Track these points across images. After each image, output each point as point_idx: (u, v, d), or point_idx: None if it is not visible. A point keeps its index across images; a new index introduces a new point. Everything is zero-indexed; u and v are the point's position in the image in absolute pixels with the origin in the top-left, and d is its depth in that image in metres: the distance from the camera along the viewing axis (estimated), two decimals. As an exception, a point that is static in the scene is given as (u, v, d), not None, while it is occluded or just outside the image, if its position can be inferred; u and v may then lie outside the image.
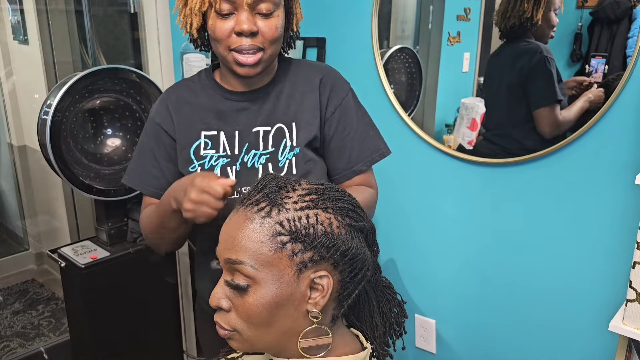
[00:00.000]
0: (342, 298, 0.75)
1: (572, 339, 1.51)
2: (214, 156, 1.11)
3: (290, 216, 0.71)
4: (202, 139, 1.11)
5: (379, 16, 1.66)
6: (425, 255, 1.75)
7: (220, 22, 1.01)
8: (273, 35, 1.02)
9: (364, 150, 1.14)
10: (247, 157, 1.10)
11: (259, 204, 0.72)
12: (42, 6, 2.39)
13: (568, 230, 1.45)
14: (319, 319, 0.73)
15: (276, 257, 0.70)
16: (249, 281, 0.71)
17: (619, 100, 1.31)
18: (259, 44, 1.02)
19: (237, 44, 1.01)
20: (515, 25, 1.43)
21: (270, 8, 1.00)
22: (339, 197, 0.75)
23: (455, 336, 1.75)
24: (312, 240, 0.70)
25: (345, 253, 0.72)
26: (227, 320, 0.74)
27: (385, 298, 0.86)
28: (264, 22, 1.01)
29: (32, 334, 2.50)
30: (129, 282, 1.75)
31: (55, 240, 2.81)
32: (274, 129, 1.10)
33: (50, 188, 2.72)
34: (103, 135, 1.71)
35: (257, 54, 1.02)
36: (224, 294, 0.74)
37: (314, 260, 0.71)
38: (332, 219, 0.73)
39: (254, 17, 1.00)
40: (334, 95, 1.13)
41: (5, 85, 2.84)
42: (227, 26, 1.01)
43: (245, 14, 1.00)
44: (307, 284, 0.71)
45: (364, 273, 0.76)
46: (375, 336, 0.84)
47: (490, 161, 1.54)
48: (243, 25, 0.99)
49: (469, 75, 1.57)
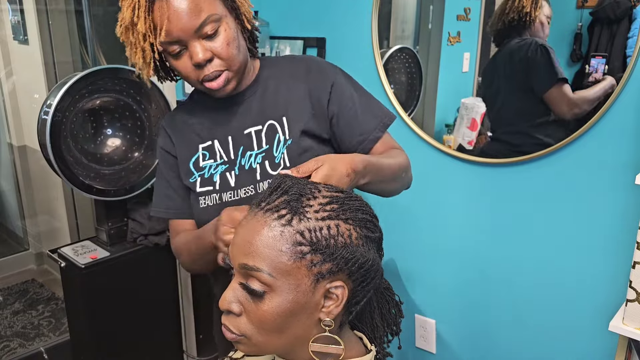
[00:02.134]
0: (350, 305, 0.75)
1: (572, 339, 1.51)
2: (212, 165, 1.12)
3: (311, 226, 0.70)
4: (200, 152, 1.13)
5: (379, 16, 1.66)
6: (425, 255, 1.75)
7: (177, 62, 1.02)
8: (229, 53, 1.01)
9: (374, 118, 1.13)
10: (243, 160, 1.11)
11: (279, 211, 0.70)
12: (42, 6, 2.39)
13: (568, 230, 1.45)
14: (332, 327, 0.72)
15: (295, 267, 0.69)
16: (265, 288, 0.70)
17: (619, 100, 1.31)
18: (220, 67, 1.01)
19: (202, 75, 1.01)
20: (514, 20, 1.43)
21: (214, 27, 0.98)
22: (359, 208, 0.75)
23: (455, 336, 1.75)
24: (332, 252, 0.70)
25: (362, 265, 0.72)
26: (237, 325, 0.73)
27: (385, 299, 0.86)
28: (214, 43, 0.99)
29: (32, 334, 2.49)
30: (129, 282, 1.75)
31: (55, 240, 2.80)
32: (265, 126, 1.11)
33: (50, 188, 2.72)
34: (103, 135, 1.71)
35: (222, 75, 1.02)
36: (235, 298, 0.73)
37: (332, 271, 0.70)
38: (352, 230, 0.72)
39: (204, 43, 0.99)
40: (324, 79, 1.12)
41: (5, 85, 2.84)
42: (185, 63, 1.01)
43: (194, 45, 0.98)
44: (322, 293, 0.71)
45: (375, 282, 0.76)
46: (375, 336, 0.84)
47: (490, 161, 1.54)
48: (197, 57, 0.98)
49: (469, 75, 1.57)
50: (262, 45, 1.90)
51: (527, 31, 1.43)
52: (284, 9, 1.90)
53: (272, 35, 1.95)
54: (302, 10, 1.86)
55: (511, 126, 1.55)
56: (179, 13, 0.96)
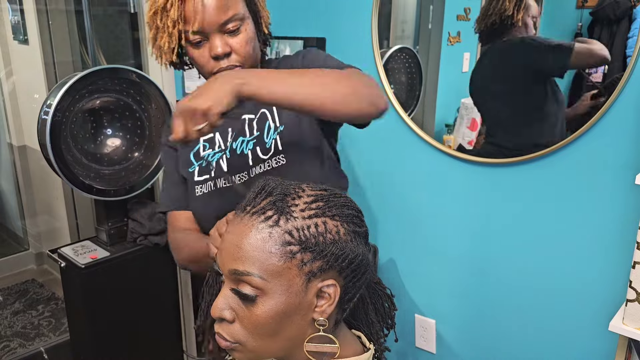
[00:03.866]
0: (343, 302, 0.75)
1: (572, 339, 1.51)
2: (210, 154, 1.15)
3: (298, 225, 0.69)
4: (201, 143, 1.17)
5: (379, 16, 1.66)
6: (425, 255, 1.75)
7: (196, 51, 1.07)
8: (246, 51, 1.06)
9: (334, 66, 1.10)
10: (235, 144, 1.13)
11: (265, 212, 0.70)
12: (42, 6, 2.39)
13: (568, 230, 1.45)
14: (326, 326, 0.72)
15: (285, 267, 0.69)
16: (257, 292, 0.69)
17: (619, 100, 1.31)
18: (235, 62, 1.06)
19: (217, 67, 1.06)
20: (495, 23, 1.43)
21: (237, 25, 1.05)
22: (344, 204, 0.75)
23: (455, 336, 1.75)
24: (322, 249, 0.69)
25: (352, 260, 0.72)
26: (231, 332, 0.72)
27: (377, 294, 0.86)
28: (234, 40, 1.05)
29: (32, 334, 2.49)
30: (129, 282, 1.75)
31: (55, 240, 2.80)
32: (257, 115, 1.14)
33: (50, 188, 2.72)
34: (103, 135, 1.71)
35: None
36: (227, 305, 0.72)
37: (323, 269, 0.70)
38: (339, 226, 0.72)
39: (225, 38, 1.05)
40: (313, 58, 1.14)
41: (5, 85, 2.84)
42: (203, 53, 1.06)
43: (216, 38, 1.04)
44: (315, 292, 0.71)
45: (366, 277, 0.76)
46: (372, 333, 0.84)
47: (490, 161, 1.54)
48: (216, 50, 1.04)
49: (469, 75, 1.57)
50: (262, 45, 1.90)
51: (510, 33, 1.43)
52: (284, 9, 1.90)
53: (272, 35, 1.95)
54: (302, 10, 1.86)
55: (506, 127, 1.55)
56: (208, 6, 1.02)
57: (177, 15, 1.02)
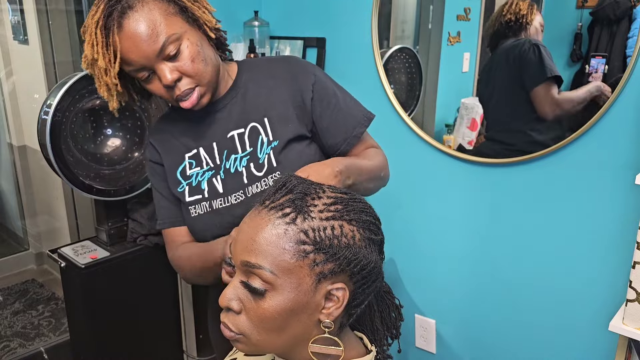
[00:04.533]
0: (351, 307, 0.75)
1: (572, 339, 1.51)
2: (199, 172, 1.12)
3: (315, 225, 0.70)
4: (187, 161, 1.14)
5: (379, 16, 1.66)
6: (425, 255, 1.75)
7: (150, 86, 1.03)
8: (195, 68, 1.00)
9: (357, 114, 1.15)
10: (228, 164, 1.11)
11: (284, 209, 0.70)
12: (42, 6, 2.39)
13: (568, 230, 1.45)
14: (331, 328, 0.72)
15: (297, 266, 0.69)
16: (266, 286, 0.70)
17: (619, 101, 1.31)
18: (190, 85, 1.01)
19: (177, 93, 1.02)
20: (510, 21, 1.44)
21: (174, 47, 0.98)
22: (363, 209, 0.75)
23: (455, 336, 1.75)
24: (335, 252, 0.70)
25: (364, 267, 0.72)
26: (236, 323, 0.73)
27: (385, 303, 0.87)
28: (178, 63, 0.99)
29: (32, 334, 2.49)
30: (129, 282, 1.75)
31: (55, 240, 2.80)
32: (247, 129, 1.11)
33: (50, 188, 2.72)
34: (103, 135, 1.71)
35: (194, 92, 1.02)
36: (235, 295, 0.72)
37: (334, 271, 0.70)
38: (355, 231, 0.72)
39: (170, 64, 0.99)
40: (305, 76, 1.12)
41: (5, 85, 2.84)
42: (157, 85, 1.02)
43: (160, 68, 0.99)
44: (323, 294, 0.71)
45: (376, 285, 0.76)
46: (375, 339, 0.84)
47: (490, 161, 1.54)
48: (166, 80, 0.99)
49: (469, 75, 1.57)
50: (262, 45, 1.89)
51: (523, 33, 1.44)
52: (284, 9, 1.90)
53: (272, 35, 1.95)
54: (302, 10, 1.86)
55: (505, 125, 1.56)
56: (136, 41, 0.96)
57: (106, 63, 0.98)
